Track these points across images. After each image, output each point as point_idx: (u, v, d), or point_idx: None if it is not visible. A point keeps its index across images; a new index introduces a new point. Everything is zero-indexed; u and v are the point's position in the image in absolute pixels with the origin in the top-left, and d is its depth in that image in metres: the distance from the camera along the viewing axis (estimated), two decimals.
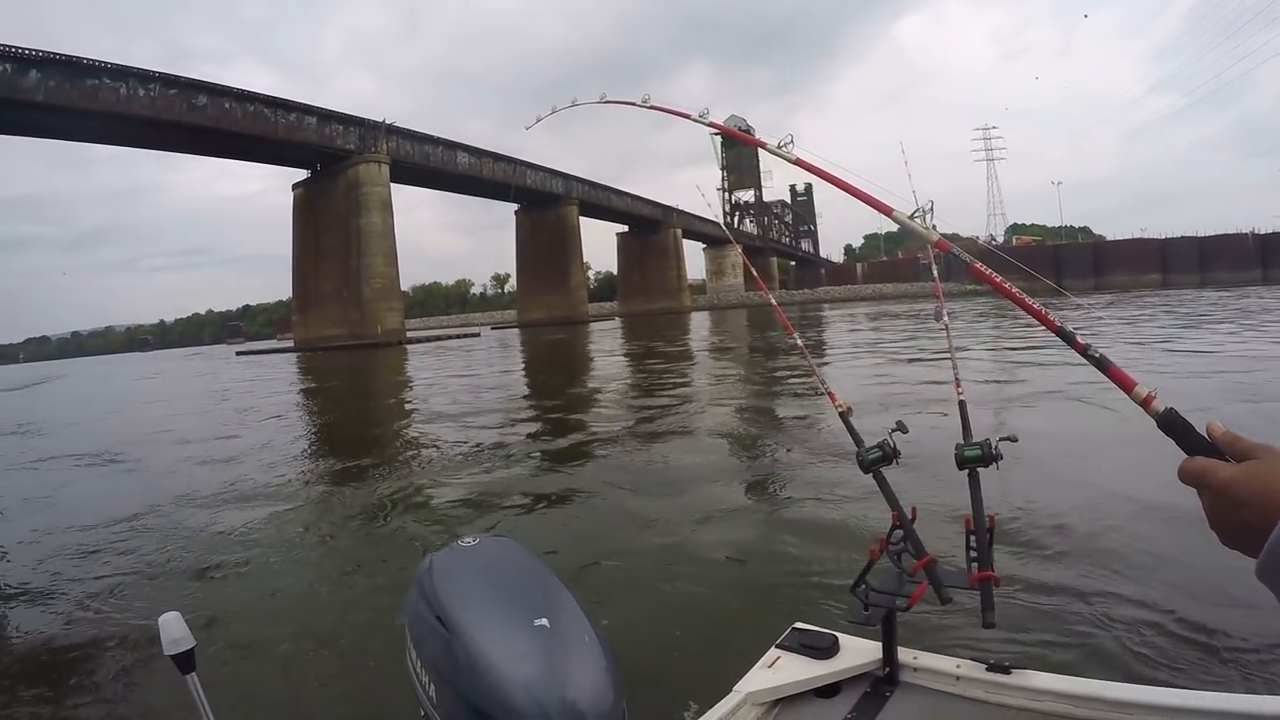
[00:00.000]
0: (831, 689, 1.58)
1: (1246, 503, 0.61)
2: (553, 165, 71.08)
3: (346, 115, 51.28)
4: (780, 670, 1.59)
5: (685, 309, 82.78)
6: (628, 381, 15.85)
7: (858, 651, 1.61)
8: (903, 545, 1.52)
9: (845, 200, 1.02)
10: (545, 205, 71.46)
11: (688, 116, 1.56)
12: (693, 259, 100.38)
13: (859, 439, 1.64)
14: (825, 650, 1.61)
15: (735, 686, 1.55)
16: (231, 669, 3.18)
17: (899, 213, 0.96)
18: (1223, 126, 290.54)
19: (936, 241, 0.95)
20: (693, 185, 23.82)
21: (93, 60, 38.94)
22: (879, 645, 1.58)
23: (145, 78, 41.09)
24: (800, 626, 1.72)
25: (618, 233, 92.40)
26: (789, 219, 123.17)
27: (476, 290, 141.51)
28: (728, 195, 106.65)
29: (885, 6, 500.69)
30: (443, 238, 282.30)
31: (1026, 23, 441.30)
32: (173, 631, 1.16)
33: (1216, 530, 0.64)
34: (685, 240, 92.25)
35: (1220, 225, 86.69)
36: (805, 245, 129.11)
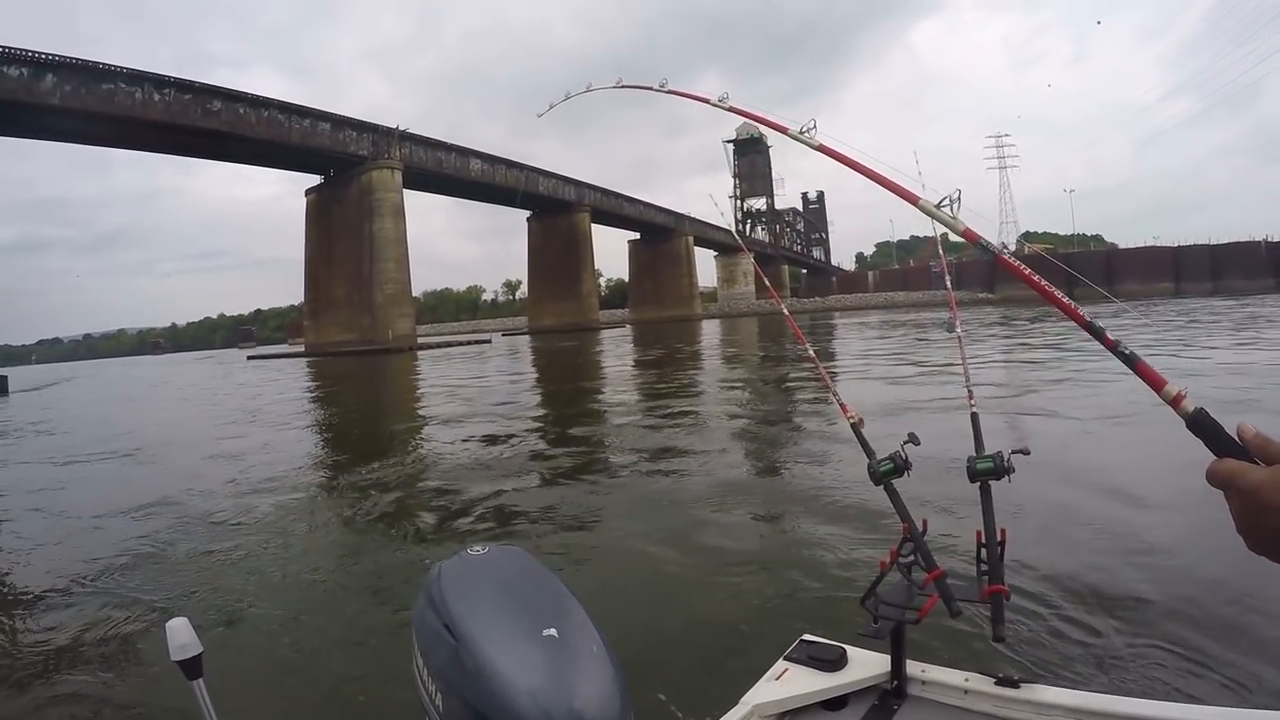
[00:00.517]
0: (839, 701, 1.56)
1: (1277, 508, 0.59)
2: (565, 172, 71.56)
3: (360, 121, 51.76)
4: (788, 682, 1.58)
5: (696, 317, 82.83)
6: (639, 390, 15.85)
7: (866, 664, 1.59)
8: (913, 558, 1.51)
9: (857, 208, 1.02)
10: (557, 212, 71.76)
11: (706, 101, 1.56)
12: (704, 266, 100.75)
13: (870, 450, 1.64)
14: (833, 663, 1.60)
15: (742, 698, 1.54)
16: (239, 679, 3.18)
17: (925, 200, 0.94)
18: (1239, 132, 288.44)
19: (964, 231, 0.94)
20: (704, 193, 24.17)
21: (109, 65, 39.49)
22: (887, 658, 1.56)
23: (161, 82, 41.62)
24: (808, 639, 1.70)
25: (629, 240, 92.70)
26: (800, 227, 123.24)
27: (488, 296, 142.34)
28: (740, 203, 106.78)
29: (900, 12, 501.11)
30: (455, 244, 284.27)
31: (1039, 29, 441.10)
32: (180, 637, 1.16)
33: (1244, 535, 0.63)
34: (697, 248, 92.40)
35: (1236, 233, 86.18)
36: (817, 253, 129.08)
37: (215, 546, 5.22)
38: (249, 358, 56.56)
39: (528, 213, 73.99)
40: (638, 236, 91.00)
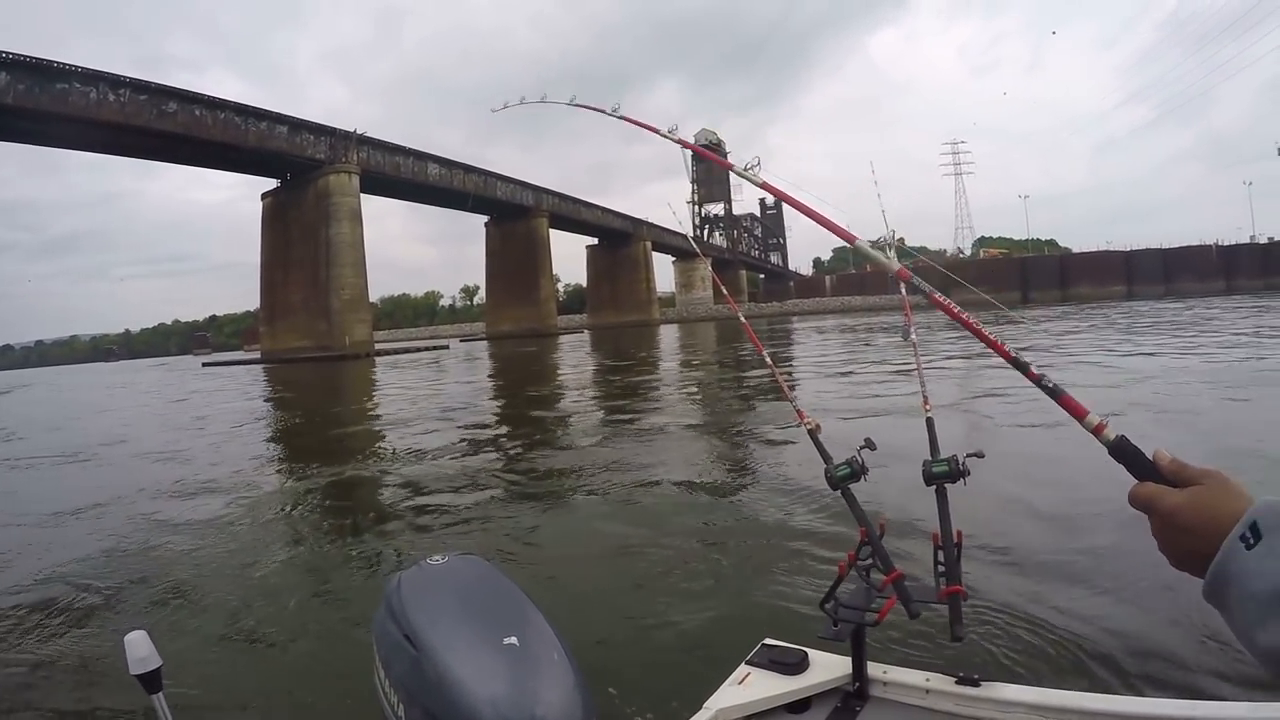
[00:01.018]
0: (801, 704, 1.58)
1: (1191, 528, 0.63)
2: (523, 177, 71.14)
3: (318, 125, 50.83)
4: (750, 687, 1.59)
5: (655, 322, 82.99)
6: (597, 396, 15.84)
7: (827, 667, 1.61)
8: (871, 561, 1.53)
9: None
10: (515, 217, 71.25)
11: (656, 131, 1.56)
12: (662, 271, 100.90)
13: (827, 456, 1.66)
14: (795, 666, 1.61)
15: (705, 703, 1.54)
16: (199, 694, 3.10)
17: (862, 241, 0.98)
18: (1193, 139, 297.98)
19: (898, 271, 0.98)
20: (664, 198, 24.35)
21: (64, 64, 38.06)
22: (849, 660, 1.59)
23: (116, 82, 40.24)
24: (770, 643, 1.72)
25: (587, 245, 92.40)
26: (758, 232, 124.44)
27: (445, 302, 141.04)
28: (698, 208, 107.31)
29: (861, 20, 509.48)
30: (412, 248, 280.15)
31: (996, 39, 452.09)
32: (139, 650, 1.13)
33: (1165, 553, 0.67)
34: (655, 253, 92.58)
35: (1189, 237, 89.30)
36: (774, 258, 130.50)
37: (172, 535, 5.07)
38: (204, 365, 55.06)
39: (486, 217, 73.46)
40: (596, 242, 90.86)
